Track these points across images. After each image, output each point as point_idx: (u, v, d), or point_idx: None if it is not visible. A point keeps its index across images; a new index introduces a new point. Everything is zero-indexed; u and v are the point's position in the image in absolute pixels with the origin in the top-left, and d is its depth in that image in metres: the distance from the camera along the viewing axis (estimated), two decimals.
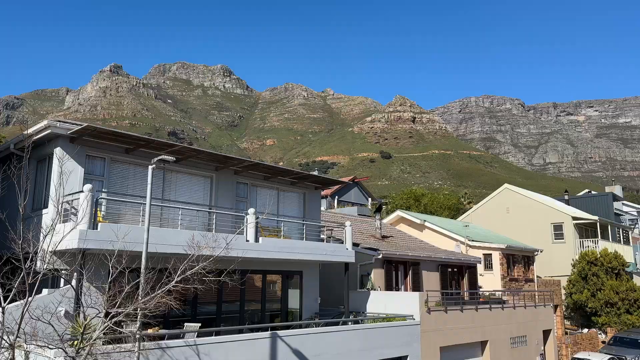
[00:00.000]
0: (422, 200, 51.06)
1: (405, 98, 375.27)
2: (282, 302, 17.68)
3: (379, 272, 21.62)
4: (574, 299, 35.63)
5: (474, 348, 22.20)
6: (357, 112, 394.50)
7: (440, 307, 20.22)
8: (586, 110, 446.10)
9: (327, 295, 20.04)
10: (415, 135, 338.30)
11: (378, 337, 17.13)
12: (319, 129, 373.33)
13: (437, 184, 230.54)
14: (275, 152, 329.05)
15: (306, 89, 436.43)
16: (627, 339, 28.90)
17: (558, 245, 38.91)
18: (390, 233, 27.01)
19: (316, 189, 19.90)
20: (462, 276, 26.25)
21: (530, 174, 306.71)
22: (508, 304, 24.59)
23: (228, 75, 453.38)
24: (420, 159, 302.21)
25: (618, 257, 35.67)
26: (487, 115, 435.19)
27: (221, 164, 16.08)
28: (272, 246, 15.33)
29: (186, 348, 11.70)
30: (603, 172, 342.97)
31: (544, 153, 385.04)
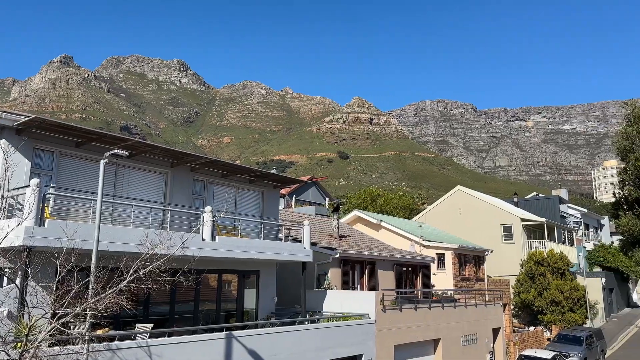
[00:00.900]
0: (378, 201, 51.72)
1: (363, 99, 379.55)
2: (237, 302, 17.43)
3: (336, 272, 21.69)
4: (522, 298, 36.96)
5: (426, 346, 22.64)
6: (315, 112, 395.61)
7: (395, 306, 20.51)
8: (535, 116, 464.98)
9: (284, 295, 19.94)
10: (372, 136, 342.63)
11: (334, 336, 17.18)
12: (277, 127, 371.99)
13: (393, 185, 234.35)
14: (233, 150, 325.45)
15: (265, 87, 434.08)
16: (570, 337, 30.21)
17: (507, 246, 40.29)
18: (347, 233, 27.17)
19: (275, 188, 19.74)
20: (416, 275, 26.73)
21: (480, 177, 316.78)
22: (460, 303, 25.23)
23: (184, 70, 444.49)
24: (376, 160, 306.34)
25: (563, 258, 37.26)
26: (441, 118, 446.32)
27: (177, 161, 15.68)
28: (229, 245, 15.08)
29: (138, 349, 11.33)
30: (549, 176, 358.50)
31: (494, 157, 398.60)
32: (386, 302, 19.85)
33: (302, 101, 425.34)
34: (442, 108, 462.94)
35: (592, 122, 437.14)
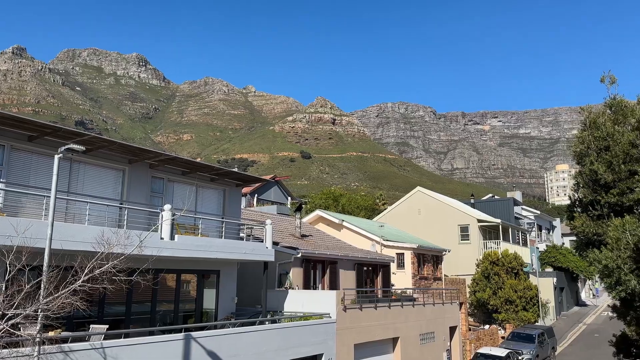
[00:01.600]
0: (340, 201, 52.00)
1: (326, 100, 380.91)
2: (196, 302, 17.13)
3: (297, 271, 21.65)
4: (478, 297, 37.95)
5: (385, 345, 22.90)
6: (278, 111, 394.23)
7: (356, 305, 20.65)
8: (491, 120, 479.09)
9: (245, 295, 19.74)
10: (334, 136, 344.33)
11: (295, 336, 17.13)
12: (239, 125, 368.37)
13: (355, 185, 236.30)
14: (193, 147, 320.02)
15: (227, 85, 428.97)
16: (523, 334, 31.24)
17: (464, 246, 41.29)
18: (309, 232, 27.17)
19: (237, 187, 19.52)
20: (376, 275, 27.00)
21: (439, 178, 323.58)
22: (418, 302, 25.66)
23: (144, 65, 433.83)
24: (339, 160, 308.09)
25: (517, 258, 38.50)
26: (402, 121, 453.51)
27: (135, 157, 15.26)
28: (189, 244, 14.80)
29: (92, 351, 10.96)
30: (504, 179, 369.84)
31: (452, 159, 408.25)
32: (347, 301, 19.97)
33: (265, 100, 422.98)
34: (403, 110, 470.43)
35: (545, 127, 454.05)
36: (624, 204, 9.73)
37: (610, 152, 9.89)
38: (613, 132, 9.81)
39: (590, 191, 10.36)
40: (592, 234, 10.11)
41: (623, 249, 8.52)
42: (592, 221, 10.22)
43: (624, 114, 10.02)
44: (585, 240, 10.44)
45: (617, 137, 9.69)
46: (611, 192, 9.91)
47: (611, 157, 9.83)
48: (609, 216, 9.85)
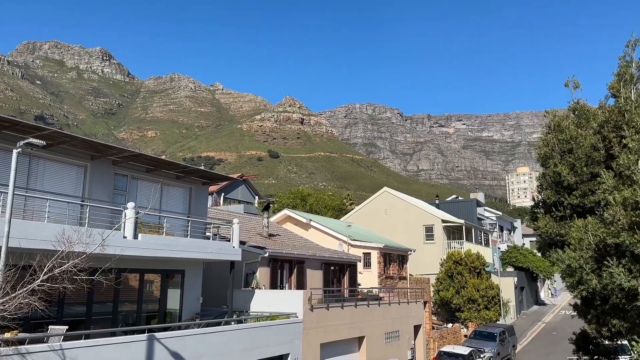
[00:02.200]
0: (308, 200, 51.96)
1: (294, 99, 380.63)
2: (160, 303, 16.77)
3: (264, 271, 21.50)
4: (441, 296, 38.62)
5: (351, 344, 23.01)
6: (246, 110, 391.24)
7: (323, 305, 20.67)
8: (455, 123, 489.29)
9: (210, 295, 19.47)
10: (303, 136, 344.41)
11: (261, 336, 17.00)
12: (206, 123, 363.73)
13: (322, 185, 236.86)
14: (157, 144, 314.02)
15: (194, 81, 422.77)
16: (485, 333, 31.96)
17: (429, 246, 41.94)
18: (277, 232, 27.03)
19: (203, 185, 19.23)
20: (343, 274, 27.10)
21: (404, 179, 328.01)
22: (384, 301, 25.89)
23: (107, 60, 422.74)
24: (306, 160, 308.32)
25: (480, 258, 39.36)
26: (370, 122, 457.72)
27: (98, 153, 14.82)
28: (153, 243, 14.47)
29: (50, 353, 10.57)
30: (467, 180, 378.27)
31: (417, 160, 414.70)
32: (314, 301, 19.96)
33: (233, 98, 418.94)
34: (370, 111, 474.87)
35: (507, 130, 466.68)
36: (585, 206, 10.06)
37: (574, 154, 10.21)
38: (576, 135, 10.14)
39: (553, 193, 10.66)
40: (555, 235, 10.41)
41: (585, 249, 8.81)
42: (555, 222, 10.53)
43: (587, 118, 10.36)
44: (548, 241, 10.74)
45: (580, 140, 10.02)
46: (574, 193, 10.24)
47: (574, 159, 10.15)
48: (572, 217, 10.17)
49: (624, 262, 8.26)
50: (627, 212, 7.87)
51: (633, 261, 8.17)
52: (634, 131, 8.48)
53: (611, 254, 8.37)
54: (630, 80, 9.52)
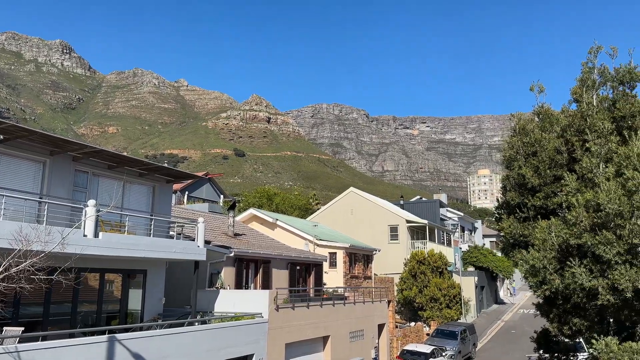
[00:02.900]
0: (274, 200, 51.70)
1: (261, 98, 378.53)
2: (121, 303, 16.32)
3: (229, 271, 21.24)
4: (405, 295, 39.14)
5: (316, 343, 23.01)
6: (211, 107, 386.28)
7: (288, 305, 20.59)
8: (420, 125, 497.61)
9: (174, 295, 19.09)
10: (269, 135, 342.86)
11: (225, 337, 16.78)
12: (169, 120, 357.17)
13: (288, 185, 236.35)
14: (119, 141, 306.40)
15: (158, 77, 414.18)
16: (446, 331, 32.59)
17: (393, 245, 42.43)
18: (242, 231, 26.77)
19: (167, 183, 18.82)
20: (309, 274, 27.08)
21: (370, 179, 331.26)
22: (349, 300, 26.02)
23: (68, 53, 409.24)
24: (273, 159, 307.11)
25: (442, 258, 40.11)
26: (336, 122, 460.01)
27: (57, 149, 14.29)
28: (115, 242, 14.06)
29: (5, 355, 10.12)
30: (430, 182, 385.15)
31: (382, 161, 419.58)
32: (280, 300, 19.85)
33: (198, 95, 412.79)
34: (337, 112, 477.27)
35: (469, 133, 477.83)
36: (548, 207, 10.37)
37: (537, 157, 10.51)
38: (540, 138, 10.44)
39: (517, 194, 10.95)
40: (518, 235, 10.70)
41: (549, 249, 9.08)
42: (518, 223, 10.82)
43: (551, 122, 10.69)
44: (512, 241, 11.03)
45: (544, 143, 10.32)
46: (537, 195, 10.54)
47: (538, 162, 10.45)
48: (535, 218, 10.47)
49: (586, 263, 8.56)
50: (589, 213, 8.16)
51: (594, 262, 8.48)
52: (596, 135, 8.80)
53: (573, 255, 8.67)
54: (592, 86, 9.87)
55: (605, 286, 8.19)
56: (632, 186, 7.65)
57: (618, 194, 7.71)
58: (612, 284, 8.06)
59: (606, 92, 10.35)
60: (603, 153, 8.61)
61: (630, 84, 10.04)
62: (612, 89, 10.23)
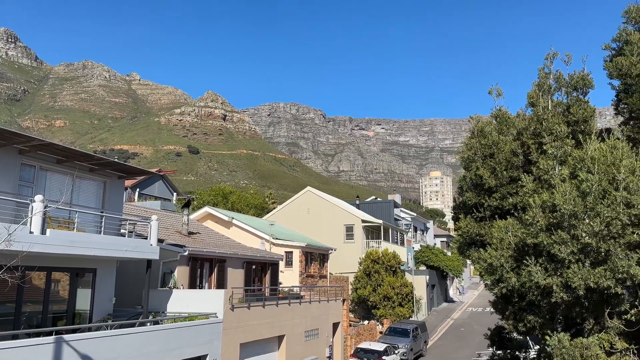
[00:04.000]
0: (230, 198, 51.01)
1: (217, 94, 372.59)
2: (69, 303, 15.62)
3: (183, 270, 20.78)
4: (359, 294, 39.56)
5: (271, 343, 22.87)
6: (165, 102, 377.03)
7: (244, 304, 20.36)
8: (375, 127, 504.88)
9: (125, 295, 18.47)
10: (225, 133, 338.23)
11: (178, 338, 16.40)
12: (120, 114, 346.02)
13: (244, 183, 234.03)
14: (66, 135, 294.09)
15: (109, 70, 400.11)
16: (399, 329, 33.18)
17: (349, 245, 42.81)
18: (197, 230, 26.26)
19: (119, 179, 18.19)
20: (265, 273, 26.89)
21: (326, 179, 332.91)
22: (305, 300, 26.02)
23: (13, 42, 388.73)
24: (228, 157, 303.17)
25: (396, 257, 40.80)
26: (293, 121, 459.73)
27: (3, 141, 13.52)
28: (63, 240, 13.44)
29: None
30: (385, 182, 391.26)
31: (338, 161, 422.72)
32: (235, 300, 19.59)
33: (151, 89, 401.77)
34: (294, 111, 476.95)
35: (422, 136, 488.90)
36: (504, 208, 10.73)
37: (495, 159, 10.86)
38: (498, 140, 10.79)
39: (474, 195, 11.26)
40: (475, 235, 11.00)
41: (505, 248, 9.39)
42: (475, 223, 11.13)
43: (508, 124, 11.06)
44: (468, 241, 11.34)
45: (501, 145, 10.67)
46: (493, 196, 10.89)
47: (495, 163, 10.80)
48: (492, 218, 10.80)
49: (541, 261, 8.91)
50: (545, 214, 8.49)
51: (549, 260, 8.84)
52: (552, 138, 9.17)
53: (530, 254, 9.00)
54: (548, 90, 10.28)
55: (559, 284, 8.56)
56: (586, 188, 8.02)
57: (573, 195, 8.08)
58: (566, 282, 8.44)
59: (561, 97, 10.82)
60: (559, 155, 8.99)
61: (583, 90, 10.53)
62: (567, 95, 10.71)
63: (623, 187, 8.04)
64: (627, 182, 8.04)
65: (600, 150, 8.27)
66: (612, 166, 8.14)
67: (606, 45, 10.93)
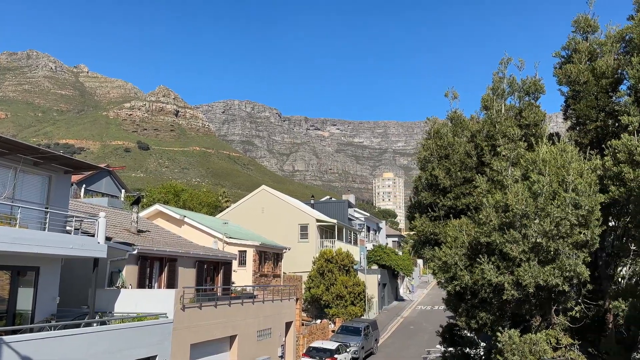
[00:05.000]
0: (181, 196, 49.87)
1: (169, 89, 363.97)
2: (9, 303, 14.80)
3: (132, 269, 20.14)
4: (312, 293, 39.66)
5: (223, 343, 22.58)
6: (114, 96, 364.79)
7: (195, 304, 19.98)
8: (330, 127, 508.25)
9: (70, 295, 17.71)
10: (177, 129, 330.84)
11: (126, 338, 15.88)
12: (66, 107, 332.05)
13: (196, 181, 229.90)
14: (7, 127, 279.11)
15: (55, 61, 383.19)
16: (350, 328, 33.48)
17: (303, 244, 42.83)
18: (147, 228, 25.52)
19: (66, 174, 17.42)
20: (217, 272, 26.47)
21: (280, 179, 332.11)
22: (258, 299, 25.82)
23: None
24: (180, 154, 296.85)
25: (349, 256, 41.19)
26: (248, 119, 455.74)
27: None
28: (4, 236, 12.72)
29: None
30: (339, 183, 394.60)
31: (293, 161, 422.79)
32: (186, 300, 19.18)
33: (100, 82, 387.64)
34: (249, 109, 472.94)
35: (376, 138, 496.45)
36: (458, 207, 11.03)
37: (450, 160, 11.16)
38: (453, 142, 11.09)
39: (430, 194, 11.52)
40: (429, 234, 11.26)
41: (459, 247, 9.65)
42: (430, 222, 11.39)
43: (462, 127, 11.39)
44: (423, 239, 11.58)
45: (455, 147, 10.98)
46: (448, 195, 11.18)
47: (450, 164, 11.10)
48: (446, 217, 11.07)
49: (494, 260, 9.22)
50: (497, 213, 8.78)
51: (501, 259, 9.15)
52: (506, 140, 9.49)
53: (483, 252, 9.30)
54: (501, 94, 10.65)
55: (510, 282, 8.88)
56: (537, 189, 8.37)
57: (525, 195, 8.41)
58: (517, 280, 8.77)
59: (514, 101, 11.26)
60: (512, 157, 9.34)
61: (535, 95, 10.99)
62: (519, 99, 11.15)
63: (572, 188, 8.47)
64: (575, 184, 8.48)
65: (551, 153, 8.67)
66: (562, 168, 8.56)
67: (556, 53, 11.51)
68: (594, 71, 10.50)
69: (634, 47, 10.17)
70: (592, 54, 11.11)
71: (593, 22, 11.37)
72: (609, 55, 10.70)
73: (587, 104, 10.36)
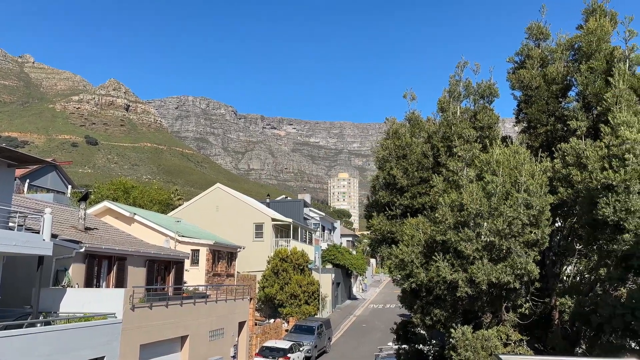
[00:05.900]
0: (131, 193, 48.32)
1: (120, 83, 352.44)
2: None
3: (79, 268, 19.36)
4: (266, 292, 39.42)
5: (174, 343, 22.10)
6: (61, 88, 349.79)
7: (146, 304, 19.43)
8: (287, 126, 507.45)
9: (12, 294, 16.85)
10: (127, 124, 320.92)
11: (73, 339, 15.25)
12: (9, 99, 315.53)
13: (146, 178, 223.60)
14: None
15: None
16: (304, 327, 33.53)
17: (258, 243, 42.51)
18: (95, 225, 24.59)
19: (9, 167, 16.58)
20: (169, 272, 25.86)
21: (235, 177, 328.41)
22: (211, 299, 25.40)
23: None
24: (130, 150, 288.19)
25: (304, 256, 41.21)
26: (203, 116, 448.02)
27: None
28: None
29: None
30: (294, 182, 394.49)
31: (249, 159, 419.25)
32: (136, 300, 18.62)
33: (46, 73, 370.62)
34: (204, 106, 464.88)
35: (332, 138, 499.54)
36: (415, 206, 11.24)
37: (407, 160, 11.35)
38: (410, 142, 11.29)
39: (387, 193, 11.68)
40: (387, 232, 11.40)
41: (416, 245, 9.82)
42: (387, 220, 11.54)
43: (420, 127, 11.61)
44: (380, 238, 11.72)
45: (413, 147, 11.19)
46: (405, 195, 11.36)
47: (407, 164, 11.29)
48: (405, 216, 11.25)
49: (449, 258, 9.44)
50: (453, 212, 8.99)
51: (456, 257, 9.38)
52: (462, 141, 9.74)
53: (438, 250, 9.50)
54: (457, 97, 10.93)
55: (464, 279, 9.12)
56: (491, 189, 8.63)
57: (479, 195, 8.66)
58: (471, 277, 9.02)
59: (469, 104, 11.60)
60: (467, 158, 9.60)
61: (489, 98, 11.37)
62: (474, 102, 11.49)
63: (524, 189, 8.81)
64: (527, 184, 8.83)
65: (504, 155, 8.99)
66: (515, 170, 8.89)
67: (510, 58, 11.95)
68: (545, 77, 10.99)
69: (582, 55, 10.71)
70: (544, 61, 11.63)
71: (545, 30, 11.90)
72: (559, 62, 11.23)
73: (538, 109, 10.83)
